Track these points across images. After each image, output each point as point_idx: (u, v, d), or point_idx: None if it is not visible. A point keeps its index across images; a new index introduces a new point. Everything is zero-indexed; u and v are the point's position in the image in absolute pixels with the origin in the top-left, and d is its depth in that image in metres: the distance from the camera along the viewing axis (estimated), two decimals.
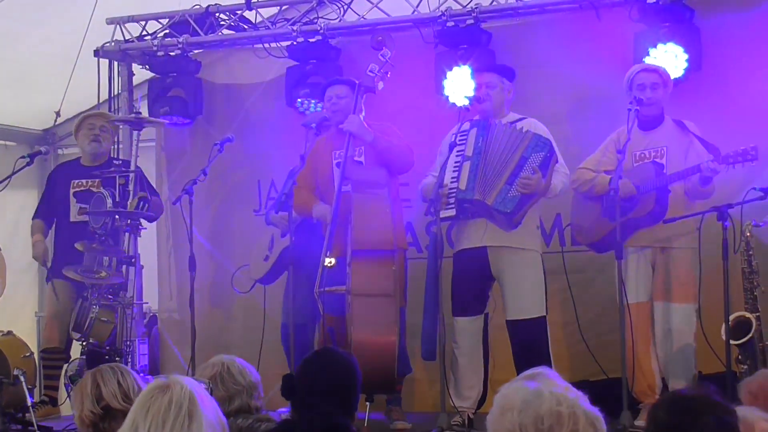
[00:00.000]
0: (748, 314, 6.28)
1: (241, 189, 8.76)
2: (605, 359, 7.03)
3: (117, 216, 7.09)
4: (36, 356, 7.98)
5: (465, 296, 6.60)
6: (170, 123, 8.71)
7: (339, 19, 8.41)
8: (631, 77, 6.58)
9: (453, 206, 6.51)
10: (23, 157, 7.69)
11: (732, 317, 6.11)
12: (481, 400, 6.57)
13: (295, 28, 8.38)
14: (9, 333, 8.08)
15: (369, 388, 6.28)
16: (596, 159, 6.70)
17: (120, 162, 7.53)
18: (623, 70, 6.75)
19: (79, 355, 7.12)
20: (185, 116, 8.81)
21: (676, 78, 6.85)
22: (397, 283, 6.53)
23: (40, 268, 8.62)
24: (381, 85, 6.85)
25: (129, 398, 3.57)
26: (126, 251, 7.14)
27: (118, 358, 6.87)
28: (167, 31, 8.89)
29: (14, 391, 7.03)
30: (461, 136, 6.60)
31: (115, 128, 8.22)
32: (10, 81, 9.29)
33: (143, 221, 7.52)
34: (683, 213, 6.36)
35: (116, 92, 9.11)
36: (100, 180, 7.53)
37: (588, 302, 7.30)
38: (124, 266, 7.18)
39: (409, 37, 7.96)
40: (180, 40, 8.73)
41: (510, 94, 6.81)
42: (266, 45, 8.66)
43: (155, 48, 8.83)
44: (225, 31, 8.86)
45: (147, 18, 8.96)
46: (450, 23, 7.85)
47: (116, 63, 9.14)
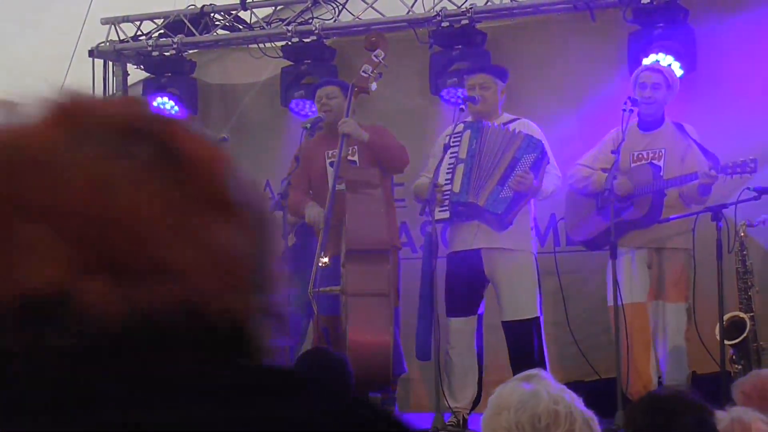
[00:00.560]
0: (742, 314, 6.29)
1: None
2: (599, 360, 7.03)
3: None
4: None
5: (458, 297, 6.60)
6: None
7: (334, 20, 8.41)
8: (636, 75, 6.58)
9: (447, 208, 6.51)
10: None
11: (726, 317, 6.12)
12: (476, 401, 6.58)
13: (290, 29, 8.37)
14: None
15: (364, 388, 6.28)
16: (593, 156, 6.70)
17: None
18: (618, 71, 6.77)
19: None
20: (179, 116, 8.81)
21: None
22: (392, 283, 6.54)
23: None
24: (374, 86, 6.85)
25: None
26: None
27: None
28: (162, 32, 8.88)
29: None
30: (455, 138, 6.60)
31: None
32: (4, 81, 9.28)
33: None
34: (677, 213, 6.36)
35: (111, 92, 9.10)
36: None
37: (581, 303, 7.31)
38: None
39: (404, 38, 7.97)
40: (175, 41, 8.72)
41: (503, 95, 6.81)
42: (261, 45, 8.65)
43: (150, 48, 8.82)
44: (220, 32, 8.85)
45: (142, 18, 8.95)
46: (445, 23, 7.85)
47: (111, 63, 9.13)
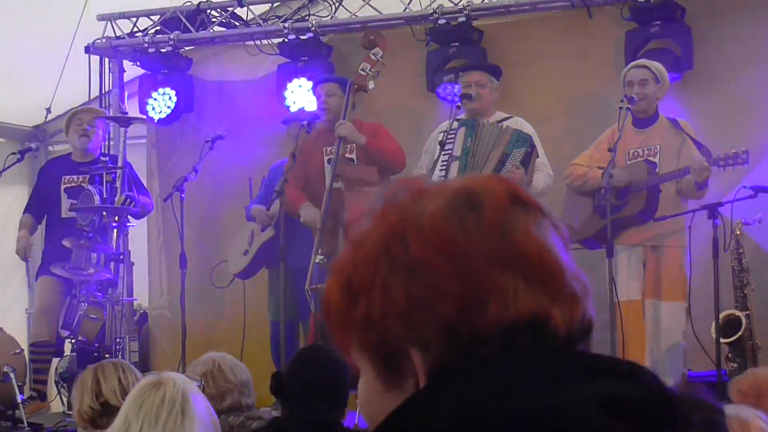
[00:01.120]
0: (738, 312, 6.29)
1: (232, 186, 8.74)
2: None
3: (104, 212, 7.08)
4: (26, 353, 7.96)
5: None
6: (159, 121, 8.68)
7: (330, 17, 8.41)
8: (624, 73, 6.59)
9: None
10: (13, 154, 7.69)
11: (722, 315, 6.12)
12: None
13: (287, 26, 8.37)
14: None
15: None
16: (589, 155, 6.70)
17: (107, 158, 7.51)
18: (614, 69, 6.77)
19: (70, 352, 7.11)
20: (176, 113, 8.78)
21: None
22: None
23: (31, 265, 8.60)
24: (372, 84, 6.84)
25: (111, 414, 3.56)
26: (114, 248, 7.13)
27: (108, 356, 6.85)
28: (158, 28, 8.87)
29: (4, 388, 7.02)
30: (450, 135, 6.59)
31: (106, 123, 8.21)
32: (1, 77, 9.27)
33: (131, 218, 7.51)
34: (674, 211, 6.37)
35: (107, 89, 9.10)
36: (87, 177, 7.52)
37: None
38: (113, 263, 7.17)
39: (401, 35, 7.96)
40: (171, 37, 8.72)
41: (497, 93, 6.81)
42: (257, 42, 8.65)
43: (146, 45, 8.81)
44: (216, 28, 8.85)
45: (138, 15, 8.94)
46: (441, 21, 7.85)
47: (107, 59, 9.12)
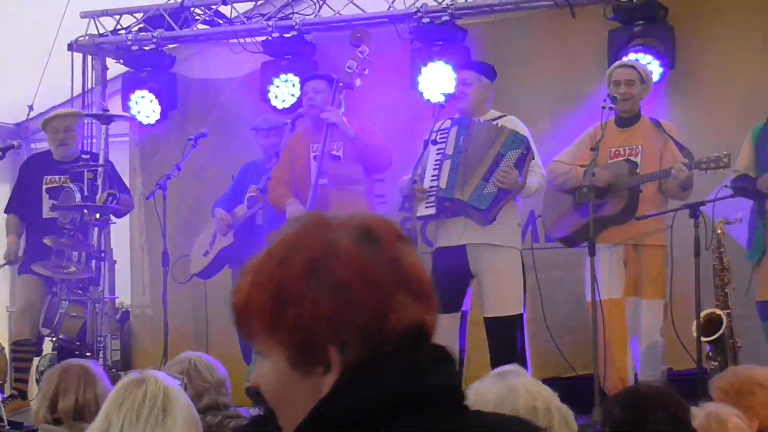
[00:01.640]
0: (719, 311, 6.31)
1: (216, 184, 8.73)
2: (575, 356, 7.05)
3: (86, 210, 7.06)
4: (7, 351, 7.94)
5: (443, 293, 6.56)
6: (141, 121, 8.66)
7: (314, 15, 8.41)
8: (610, 72, 6.60)
9: (433, 204, 6.50)
10: None
11: (703, 314, 6.14)
12: None
13: (270, 24, 8.37)
14: None
15: None
16: (572, 153, 6.71)
17: (88, 156, 7.49)
18: (598, 68, 6.79)
19: (51, 350, 7.09)
20: (159, 111, 8.77)
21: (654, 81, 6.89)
22: None
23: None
24: (359, 82, 6.85)
25: (83, 417, 3.55)
26: (95, 246, 7.12)
27: (89, 354, 6.84)
28: (142, 26, 8.85)
29: None
30: (442, 134, 6.58)
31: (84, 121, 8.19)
32: None
33: (112, 216, 7.50)
34: (655, 210, 6.39)
35: (90, 86, 9.07)
36: (68, 177, 7.50)
37: (557, 299, 7.32)
38: (94, 261, 7.16)
39: (385, 34, 7.97)
40: (154, 35, 8.70)
41: (489, 92, 6.77)
42: (241, 40, 8.64)
43: (129, 42, 8.79)
44: (200, 26, 8.83)
45: (121, 12, 8.92)
46: (425, 20, 7.86)
47: (90, 57, 9.10)
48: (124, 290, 8.87)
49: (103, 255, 7.20)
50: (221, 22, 8.77)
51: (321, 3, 8.39)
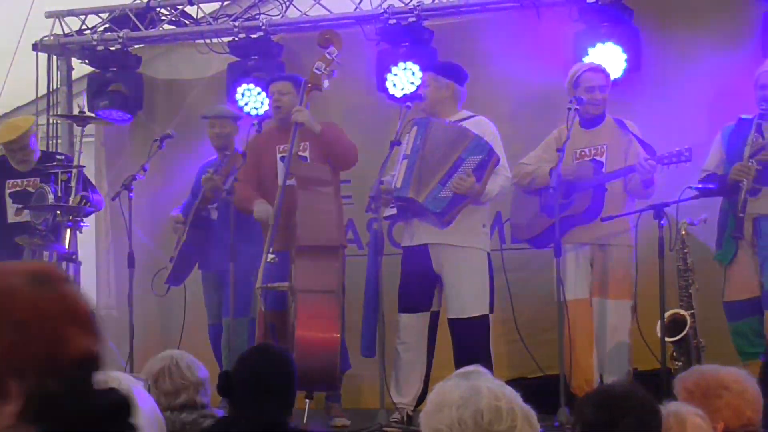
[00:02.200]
0: (683, 312, 6.36)
1: (182, 185, 8.70)
2: (543, 356, 7.07)
3: (59, 212, 7.02)
4: None
5: (409, 293, 6.60)
6: (115, 120, 8.61)
7: (281, 15, 8.40)
8: (577, 76, 6.61)
9: (395, 204, 6.53)
10: None
11: (667, 314, 6.18)
12: (421, 397, 6.58)
13: (237, 24, 8.35)
14: None
15: (311, 384, 6.28)
16: (537, 155, 6.74)
17: (63, 157, 7.46)
18: (563, 69, 6.80)
19: None
20: (125, 112, 8.74)
21: (615, 78, 6.94)
22: (340, 280, 6.55)
23: None
24: (327, 83, 6.85)
25: None
26: (67, 248, 7.08)
27: None
28: (107, 26, 8.81)
29: None
30: (404, 135, 6.61)
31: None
32: None
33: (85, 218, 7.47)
34: (621, 211, 6.42)
35: (55, 87, 9.02)
36: (37, 179, 7.46)
37: (526, 300, 7.34)
38: (65, 262, 7.11)
39: (352, 35, 7.97)
40: (120, 35, 8.67)
41: (451, 92, 6.77)
42: (208, 40, 8.63)
43: (95, 42, 8.75)
44: (166, 26, 8.80)
45: (87, 12, 8.88)
46: (392, 21, 7.87)
47: (55, 57, 9.05)
48: (89, 291, 8.81)
49: (75, 257, 7.16)
50: (187, 23, 8.75)
51: (287, 4, 8.38)
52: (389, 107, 7.56)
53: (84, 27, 8.89)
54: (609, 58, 7.04)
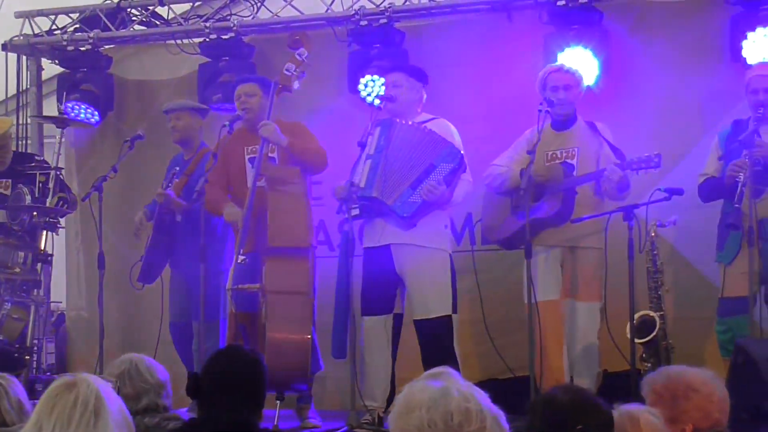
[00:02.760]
0: (652, 313, 6.39)
1: (153, 187, 8.67)
2: (513, 358, 7.09)
3: (35, 213, 6.99)
4: None
5: (371, 295, 6.60)
6: (87, 120, 8.57)
7: (252, 17, 8.39)
8: (545, 77, 6.64)
9: (357, 205, 6.53)
10: None
11: (636, 316, 6.21)
12: (390, 398, 6.59)
13: (208, 25, 8.34)
14: None
15: (282, 386, 6.28)
16: (508, 156, 6.75)
17: (41, 159, 7.44)
18: (534, 72, 6.82)
19: None
20: (95, 108, 8.67)
21: (589, 86, 6.95)
22: (310, 281, 6.54)
23: None
24: (297, 85, 6.85)
25: None
26: (42, 249, 7.05)
27: (28, 357, 6.77)
28: (77, 26, 8.78)
29: None
30: (369, 135, 6.61)
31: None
32: None
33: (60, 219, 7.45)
34: (591, 212, 6.44)
35: (24, 87, 8.98)
36: (10, 181, 7.42)
37: (497, 301, 7.37)
38: (39, 264, 7.09)
39: (323, 36, 7.97)
40: (90, 35, 8.63)
41: (420, 94, 6.81)
42: (178, 41, 8.60)
43: (65, 43, 8.72)
44: (137, 27, 8.78)
45: (57, 12, 8.85)
46: (363, 22, 7.87)
47: (25, 57, 9.01)
48: (60, 293, 8.77)
49: (50, 258, 7.13)
50: (158, 23, 8.73)
51: (259, 5, 8.38)
52: (360, 108, 7.56)
53: (54, 27, 8.86)
54: (581, 62, 7.06)
